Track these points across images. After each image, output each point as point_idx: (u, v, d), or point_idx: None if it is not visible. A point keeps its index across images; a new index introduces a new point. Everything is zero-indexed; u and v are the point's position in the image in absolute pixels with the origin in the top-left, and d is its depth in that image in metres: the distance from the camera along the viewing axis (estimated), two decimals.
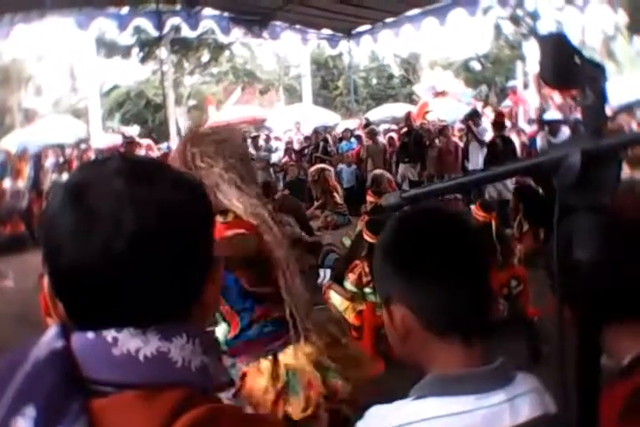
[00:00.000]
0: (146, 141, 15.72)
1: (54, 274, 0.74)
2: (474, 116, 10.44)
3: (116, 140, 15.81)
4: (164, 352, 0.71)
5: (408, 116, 12.16)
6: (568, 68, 0.76)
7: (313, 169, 11.79)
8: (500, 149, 9.28)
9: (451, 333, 1.01)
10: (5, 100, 29.67)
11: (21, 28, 12.31)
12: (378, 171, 11.24)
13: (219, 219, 2.00)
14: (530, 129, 12.43)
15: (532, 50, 16.17)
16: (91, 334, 0.72)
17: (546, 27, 19.41)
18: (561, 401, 0.89)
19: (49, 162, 12.61)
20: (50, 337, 0.73)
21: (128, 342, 0.71)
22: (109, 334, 0.71)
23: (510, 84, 16.92)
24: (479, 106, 15.82)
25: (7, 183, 11.78)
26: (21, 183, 11.61)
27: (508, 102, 15.01)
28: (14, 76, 29.55)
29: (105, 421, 0.67)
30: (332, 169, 11.86)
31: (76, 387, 0.68)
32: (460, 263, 1.01)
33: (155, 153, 14.02)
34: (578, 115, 10.81)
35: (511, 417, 0.96)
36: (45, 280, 0.75)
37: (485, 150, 9.64)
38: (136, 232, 0.70)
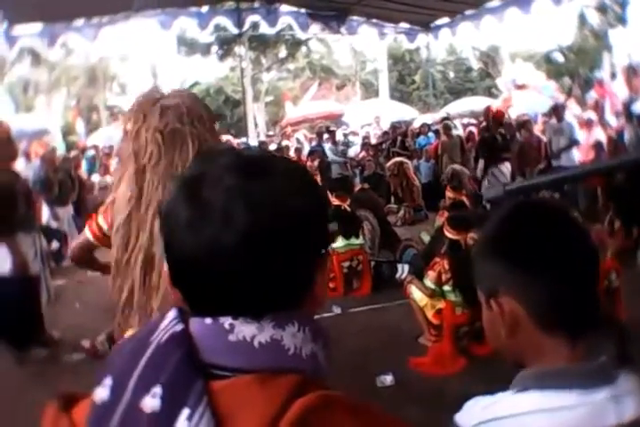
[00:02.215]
0: (225, 137, 16.04)
1: (170, 263, 0.78)
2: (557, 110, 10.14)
3: None
4: (277, 340, 0.74)
5: (488, 110, 11.89)
6: None
7: (391, 162, 11.70)
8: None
9: (559, 328, 1.00)
10: (92, 99, 30.95)
11: (108, 29, 12.73)
12: (457, 166, 11.06)
13: None
14: (617, 122, 11.92)
15: (619, 39, 15.39)
16: (208, 320, 0.75)
17: (635, 14, 18.50)
18: None
19: None
20: (169, 321, 0.77)
21: (244, 329, 0.73)
22: (226, 321, 0.74)
23: (596, 75, 16.22)
24: (562, 99, 15.32)
25: (96, 178, 12.30)
26: (109, 178, 12.07)
27: (592, 94, 14.42)
28: (100, 75, 30.79)
29: (224, 402, 0.69)
30: (409, 162, 11.76)
31: (197, 369, 0.71)
32: (576, 259, 1.00)
33: None
34: None
35: (617, 416, 0.94)
36: (165, 267, 0.79)
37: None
38: (246, 226, 0.72)
